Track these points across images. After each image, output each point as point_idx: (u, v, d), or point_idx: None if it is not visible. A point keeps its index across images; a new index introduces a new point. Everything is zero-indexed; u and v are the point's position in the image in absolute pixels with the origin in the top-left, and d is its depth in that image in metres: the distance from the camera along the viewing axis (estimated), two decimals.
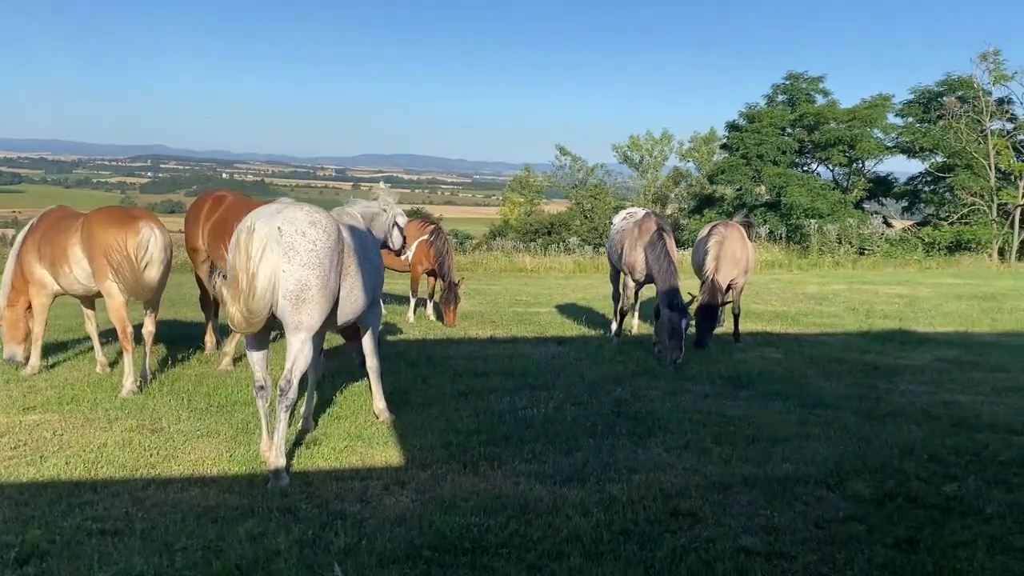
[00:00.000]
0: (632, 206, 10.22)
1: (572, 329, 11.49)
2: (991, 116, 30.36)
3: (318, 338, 5.96)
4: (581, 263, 23.93)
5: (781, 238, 28.36)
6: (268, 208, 5.34)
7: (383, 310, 6.81)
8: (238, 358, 8.34)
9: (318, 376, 6.43)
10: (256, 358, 5.40)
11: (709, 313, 9.73)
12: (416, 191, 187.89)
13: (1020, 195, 29.93)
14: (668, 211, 54.74)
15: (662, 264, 9.04)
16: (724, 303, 10.10)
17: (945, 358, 9.59)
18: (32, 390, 7.25)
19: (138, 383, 7.31)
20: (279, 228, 5.07)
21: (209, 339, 9.07)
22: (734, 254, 10.06)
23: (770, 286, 17.79)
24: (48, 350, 8.77)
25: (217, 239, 8.27)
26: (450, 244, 12.29)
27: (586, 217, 49.93)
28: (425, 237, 11.79)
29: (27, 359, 7.99)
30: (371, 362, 6.47)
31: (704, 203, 40.78)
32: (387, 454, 5.72)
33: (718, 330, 10.32)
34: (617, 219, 10.52)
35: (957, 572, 3.93)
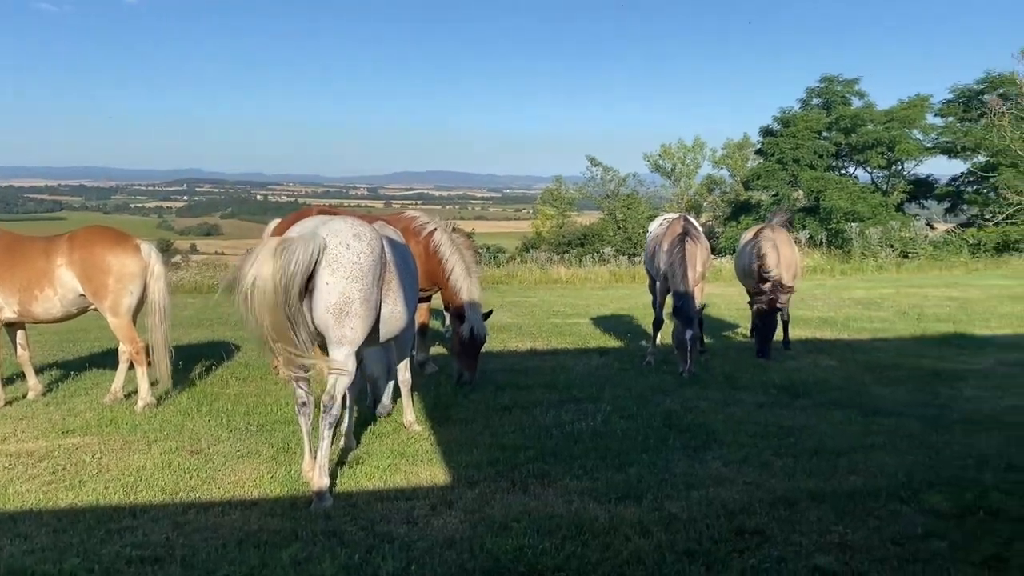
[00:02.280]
0: (668, 213, 9.92)
1: (613, 339, 11.22)
2: None
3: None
4: (617, 273, 23.59)
5: (821, 243, 27.79)
6: (312, 221, 5.20)
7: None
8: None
9: (356, 392, 6.28)
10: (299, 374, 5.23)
11: (770, 320, 9.42)
12: (447, 207, 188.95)
13: None
14: (703, 219, 54.13)
15: (675, 266, 8.67)
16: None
17: (1007, 361, 9.16)
18: (72, 412, 7.17)
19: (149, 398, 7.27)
20: (324, 239, 4.93)
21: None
22: (787, 257, 9.74)
23: (815, 292, 17.33)
24: (87, 371, 8.72)
25: None
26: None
27: (619, 227, 49.54)
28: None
29: None
30: (404, 376, 6.44)
31: (740, 210, 40.19)
32: (432, 472, 5.50)
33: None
34: (653, 225, 10.23)
35: None
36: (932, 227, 32.69)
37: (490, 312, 8.09)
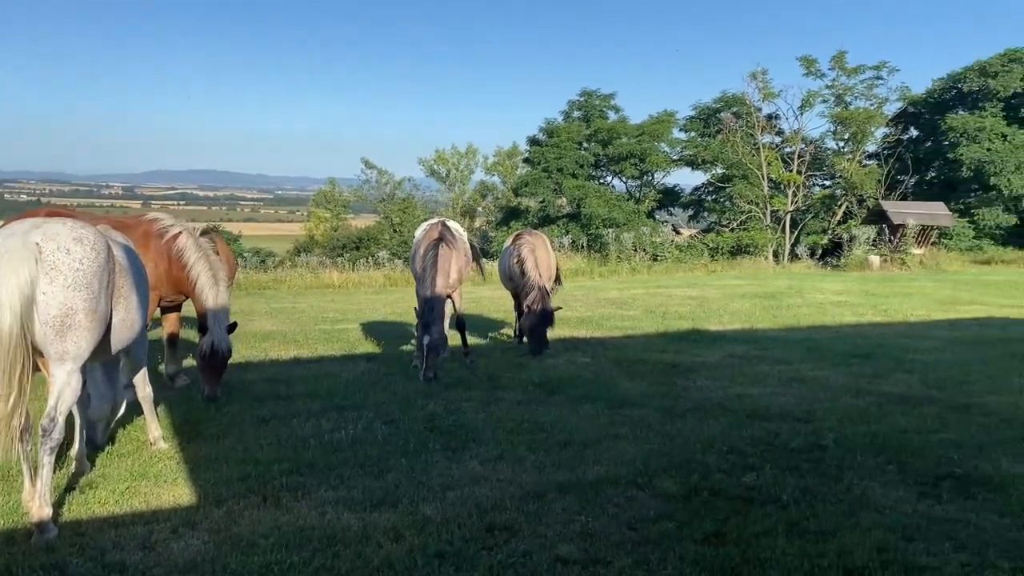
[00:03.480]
0: (442, 217, 10.07)
1: (383, 345, 11.16)
2: (762, 130, 33.35)
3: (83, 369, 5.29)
4: (392, 277, 23.55)
5: (583, 247, 29.48)
6: (22, 224, 4.65)
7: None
8: None
9: (110, 410, 5.77)
10: None
11: (543, 318, 9.86)
12: (214, 208, 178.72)
13: (789, 202, 33.04)
14: (477, 223, 55.52)
15: (426, 271, 8.82)
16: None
17: (735, 353, 10.21)
18: None
19: None
20: (37, 244, 4.43)
21: None
22: (546, 260, 10.29)
23: (575, 293, 18.33)
24: None
25: None
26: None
27: (395, 231, 49.50)
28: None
29: None
30: (144, 391, 5.97)
31: (510, 215, 41.65)
32: (176, 493, 5.15)
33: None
34: (418, 231, 10.34)
35: (761, 561, 4.06)
36: (678, 232, 35.87)
37: (234, 324, 7.69)
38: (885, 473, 5.44)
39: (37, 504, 4.47)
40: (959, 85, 34.85)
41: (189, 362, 9.10)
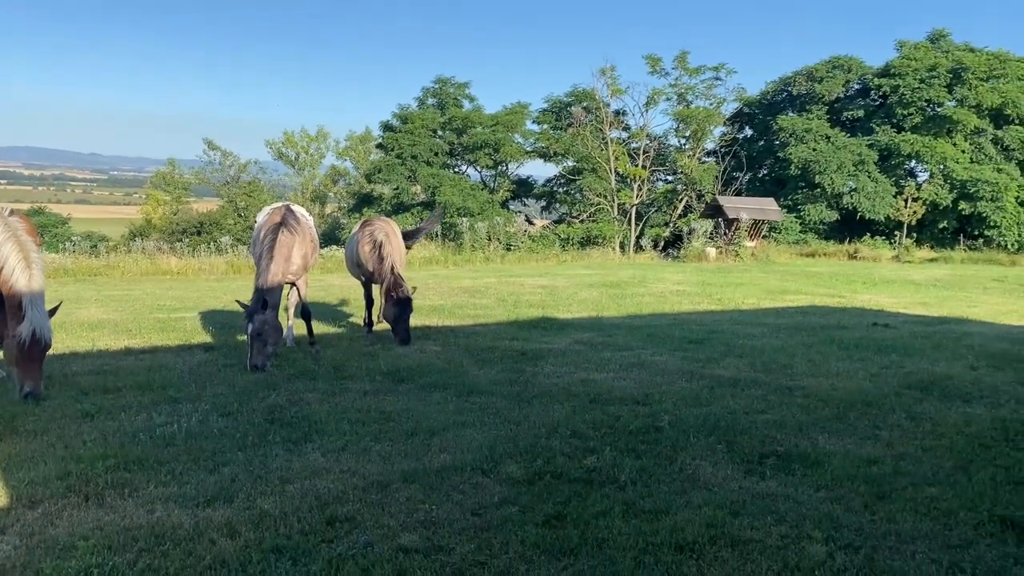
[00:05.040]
0: (289, 203, 9.70)
1: (223, 334, 10.67)
2: (610, 125, 34.46)
3: None
4: (235, 264, 22.58)
5: (437, 236, 29.42)
6: None
7: None
8: None
9: None
10: None
11: (408, 306, 9.91)
12: (40, 188, 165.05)
13: (635, 196, 34.36)
14: (328, 210, 54.23)
15: (263, 257, 8.58)
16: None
17: (581, 340, 10.50)
18: None
19: None
20: None
21: None
22: (399, 247, 10.21)
23: (428, 281, 18.26)
24: None
25: None
26: None
27: (240, 215, 47.55)
28: None
29: None
30: None
31: (363, 202, 41.00)
32: None
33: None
34: (260, 215, 9.95)
35: (599, 540, 4.19)
36: (531, 223, 36.51)
37: (56, 308, 7.10)
38: (715, 453, 5.75)
39: None
40: (789, 88, 37.48)
41: None
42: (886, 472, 5.36)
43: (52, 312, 6.94)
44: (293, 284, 9.35)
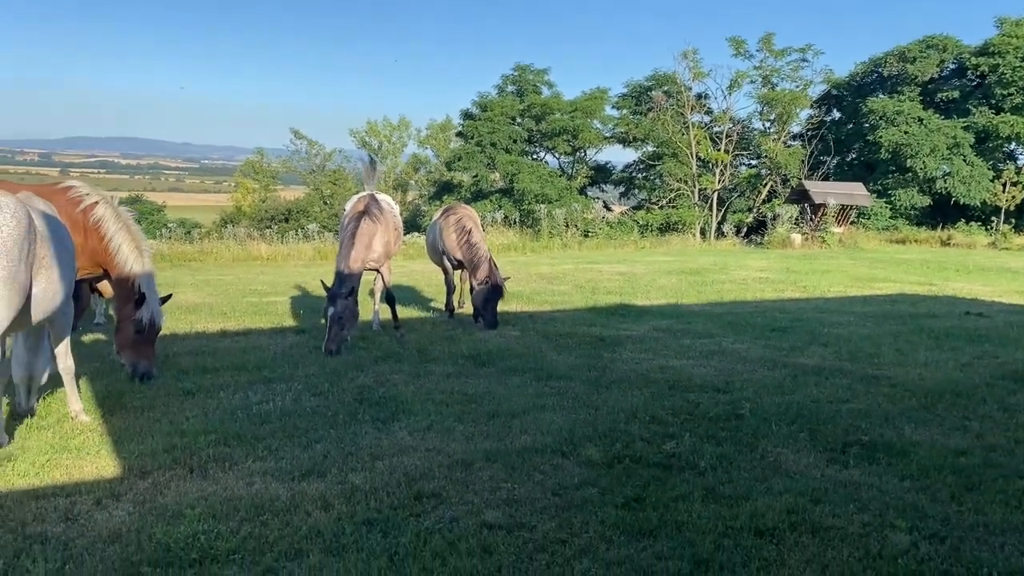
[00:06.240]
0: (375, 192, 9.97)
1: (312, 318, 11.07)
2: (692, 109, 33.92)
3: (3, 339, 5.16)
4: (321, 250, 23.24)
5: (515, 223, 29.59)
6: None
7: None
8: None
9: (28, 377, 5.65)
10: None
11: (500, 292, 10.18)
12: (136, 177, 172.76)
13: (716, 181, 33.80)
14: (409, 197, 55.09)
15: (344, 244, 8.90)
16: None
17: (660, 327, 10.49)
18: None
19: None
20: None
21: None
22: (481, 235, 10.48)
23: (506, 268, 18.37)
24: None
25: None
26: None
27: (325, 203, 48.81)
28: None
29: None
30: (65, 362, 5.86)
31: (443, 189, 41.47)
32: (99, 465, 5.08)
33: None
34: (348, 204, 10.27)
35: (679, 523, 4.25)
36: (609, 209, 36.35)
37: (168, 296, 7.52)
38: (797, 441, 5.72)
39: None
40: (879, 69, 36.10)
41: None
42: (975, 463, 5.24)
43: (164, 300, 7.35)
44: (377, 271, 9.62)
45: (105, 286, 7.95)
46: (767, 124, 36.20)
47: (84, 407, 6.09)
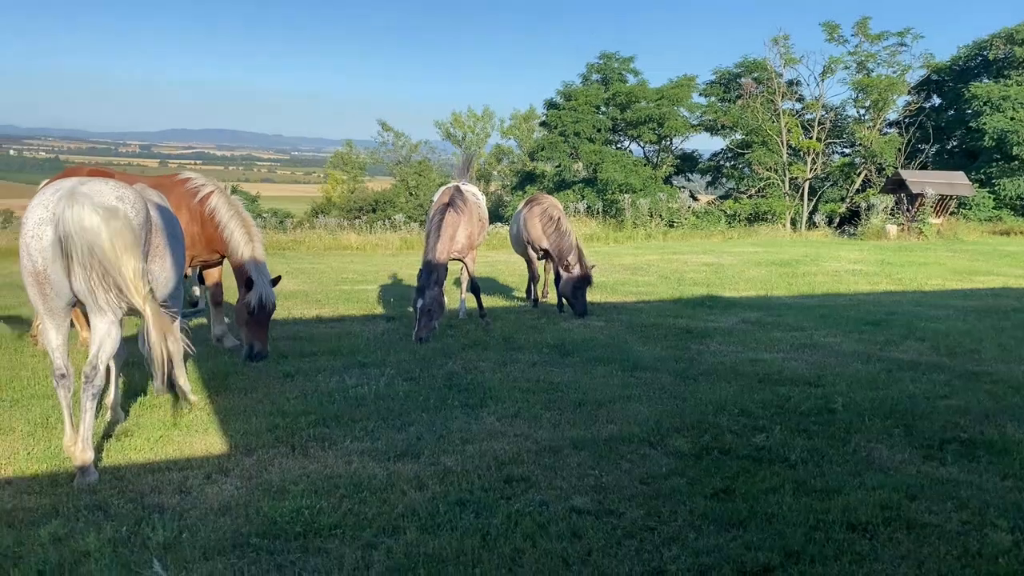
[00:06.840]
0: (461, 183, 10.15)
1: (402, 306, 11.36)
2: (782, 96, 33.03)
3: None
4: (408, 240, 23.74)
5: (598, 212, 29.48)
6: (66, 183, 4.84)
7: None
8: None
9: (120, 362, 6.00)
10: (56, 344, 4.90)
11: (589, 281, 10.38)
12: (231, 168, 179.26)
13: (808, 170, 32.85)
14: (492, 188, 55.45)
15: (430, 235, 9.06)
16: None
17: (749, 320, 10.34)
18: None
19: None
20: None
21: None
22: (569, 223, 10.57)
23: (590, 258, 18.40)
24: None
25: None
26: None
27: (411, 194, 49.64)
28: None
29: None
30: (175, 345, 6.15)
31: (526, 179, 41.60)
32: (207, 442, 5.40)
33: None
34: (436, 194, 10.48)
35: (769, 515, 4.24)
36: (695, 199, 35.71)
37: (278, 278, 7.85)
38: (892, 436, 5.60)
39: (80, 448, 4.73)
40: (984, 52, 34.29)
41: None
42: None
43: (274, 282, 7.67)
44: (461, 260, 9.80)
45: (210, 274, 8.34)
46: (862, 111, 34.91)
47: (192, 388, 6.45)
